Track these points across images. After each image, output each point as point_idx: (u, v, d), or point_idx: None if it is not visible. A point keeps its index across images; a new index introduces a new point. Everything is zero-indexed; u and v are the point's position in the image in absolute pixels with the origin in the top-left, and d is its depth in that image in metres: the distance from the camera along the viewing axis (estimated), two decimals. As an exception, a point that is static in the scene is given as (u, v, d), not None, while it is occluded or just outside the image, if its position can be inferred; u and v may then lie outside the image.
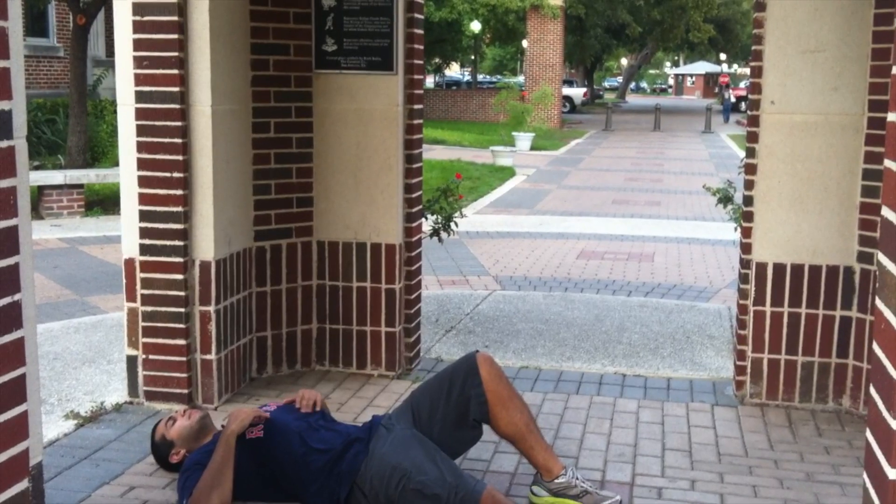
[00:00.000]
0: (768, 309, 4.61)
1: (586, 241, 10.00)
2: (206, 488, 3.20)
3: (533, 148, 23.45)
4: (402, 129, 4.94)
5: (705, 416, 4.54)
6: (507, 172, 17.65)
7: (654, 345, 5.80)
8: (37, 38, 19.46)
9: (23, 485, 2.11)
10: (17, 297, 2.05)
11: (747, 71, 17.17)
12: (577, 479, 3.49)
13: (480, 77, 54.70)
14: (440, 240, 6.63)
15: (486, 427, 3.57)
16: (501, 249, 9.41)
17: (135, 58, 4.24)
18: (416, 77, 5.01)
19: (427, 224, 6.21)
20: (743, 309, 4.70)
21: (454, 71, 63.26)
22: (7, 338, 2.03)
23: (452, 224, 6.63)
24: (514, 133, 23.27)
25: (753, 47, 4.58)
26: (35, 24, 19.55)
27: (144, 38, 4.21)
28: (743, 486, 3.75)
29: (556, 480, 3.47)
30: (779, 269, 4.58)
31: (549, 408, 4.62)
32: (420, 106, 5.10)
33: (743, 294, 4.70)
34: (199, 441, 3.55)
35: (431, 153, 18.94)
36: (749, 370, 4.68)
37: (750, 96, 4.61)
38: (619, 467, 3.91)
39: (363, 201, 4.94)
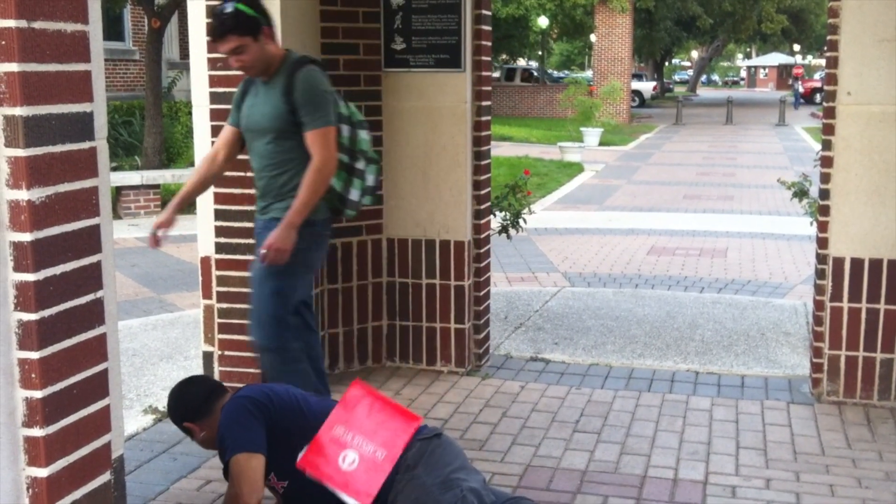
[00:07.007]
0: (846, 305, 4.51)
1: (657, 237, 9.88)
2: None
3: (601, 143, 23.24)
4: (471, 126, 4.94)
5: (781, 414, 4.46)
6: (575, 168, 17.53)
7: (728, 342, 5.71)
8: (113, 41, 19.92)
9: (105, 477, 2.17)
10: (99, 294, 2.10)
11: (822, 62, 16.74)
12: None
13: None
14: (508, 237, 6.62)
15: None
16: (570, 246, 9.36)
17: (209, 59, 4.32)
18: (483, 74, 5.01)
19: (495, 221, 6.21)
20: (819, 305, 4.60)
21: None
22: (90, 334, 2.08)
23: (521, 221, 6.61)
24: (582, 128, 23.08)
25: (828, 37, 4.48)
26: (111, 27, 20.02)
27: (218, 41, 4.27)
28: (820, 485, 3.68)
29: None
30: (856, 264, 4.48)
31: (621, 405, 4.58)
32: (488, 103, 5.10)
33: (819, 290, 4.60)
34: None
35: (499, 150, 18.88)
36: (826, 367, 4.58)
37: (826, 87, 4.51)
38: (693, 465, 3.87)
39: (432, 198, 4.96)
